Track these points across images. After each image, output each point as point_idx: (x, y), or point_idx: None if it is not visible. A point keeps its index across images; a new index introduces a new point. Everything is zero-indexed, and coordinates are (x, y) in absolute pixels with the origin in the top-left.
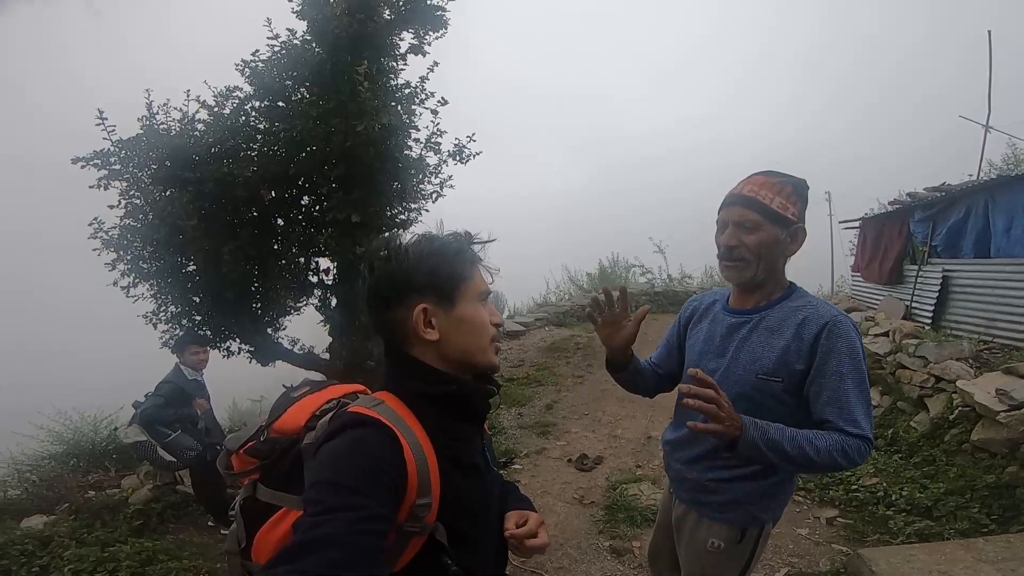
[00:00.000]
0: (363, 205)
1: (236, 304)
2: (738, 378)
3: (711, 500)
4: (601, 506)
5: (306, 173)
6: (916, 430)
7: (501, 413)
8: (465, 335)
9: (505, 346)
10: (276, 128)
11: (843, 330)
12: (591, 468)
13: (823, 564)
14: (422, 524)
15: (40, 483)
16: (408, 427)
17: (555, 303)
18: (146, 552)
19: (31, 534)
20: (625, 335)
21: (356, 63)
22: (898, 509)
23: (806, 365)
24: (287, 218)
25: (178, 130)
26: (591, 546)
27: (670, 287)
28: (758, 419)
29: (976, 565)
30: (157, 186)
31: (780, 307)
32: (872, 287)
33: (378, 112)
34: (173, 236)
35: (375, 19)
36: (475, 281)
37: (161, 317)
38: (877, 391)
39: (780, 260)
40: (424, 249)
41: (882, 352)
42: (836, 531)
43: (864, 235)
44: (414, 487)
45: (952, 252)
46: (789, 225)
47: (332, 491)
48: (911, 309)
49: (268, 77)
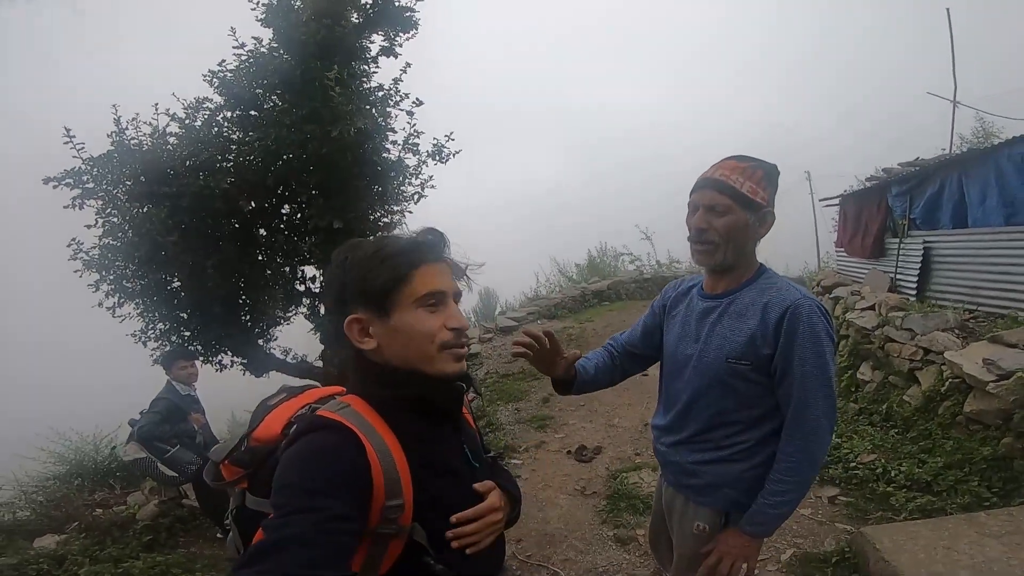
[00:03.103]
0: (344, 210)
1: (224, 317)
2: (709, 364)
3: (693, 483)
4: (603, 496)
5: (284, 182)
6: (909, 404)
7: (498, 409)
8: (402, 345)
9: (499, 342)
10: (250, 138)
11: (804, 314)
12: (591, 459)
13: (828, 544)
14: (397, 526)
15: (48, 503)
16: (373, 429)
17: (546, 296)
18: (159, 567)
19: (45, 554)
20: (564, 364)
21: (326, 68)
22: (898, 485)
23: (771, 349)
24: (269, 228)
25: (150, 144)
26: (596, 536)
27: (659, 273)
28: (747, 512)
29: (981, 540)
30: (133, 203)
31: (748, 290)
32: (857, 262)
33: (352, 116)
34: (155, 253)
35: (343, 23)
36: (414, 285)
37: (150, 335)
38: (868, 366)
39: (749, 244)
40: (360, 255)
41: (870, 326)
42: (838, 510)
43: (844, 212)
44: (381, 489)
45: (931, 224)
46: (758, 209)
47: (294, 494)
48: (896, 281)
49: (238, 87)
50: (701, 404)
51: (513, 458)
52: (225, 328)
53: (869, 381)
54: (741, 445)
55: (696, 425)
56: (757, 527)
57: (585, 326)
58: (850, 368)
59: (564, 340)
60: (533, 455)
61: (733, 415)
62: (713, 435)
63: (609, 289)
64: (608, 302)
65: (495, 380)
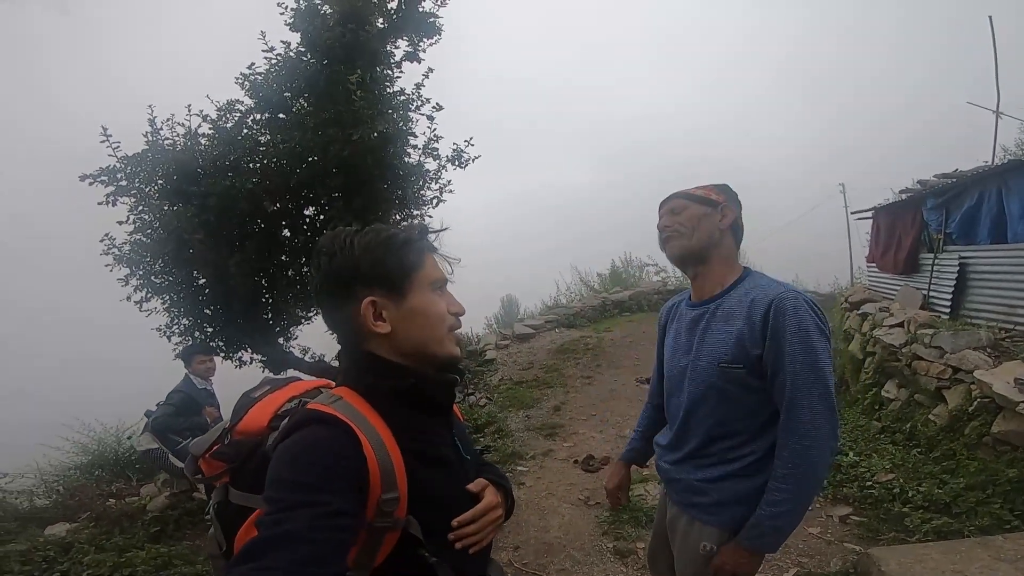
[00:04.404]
0: (364, 213)
1: (246, 315)
2: (703, 371)
3: (700, 501)
4: (606, 507)
5: (308, 184)
6: (934, 423)
7: (509, 416)
8: (419, 327)
9: (515, 349)
10: (277, 140)
11: (789, 307)
12: (597, 469)
13: (834, 564)
14: (392, 519)
15: (64, 492)
16: (367, 422)
17: (565, 304)
18: (161, 557)
19: (53, 541)
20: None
21: (350, 72)
22: (915, 506)
23: (760, 349)
24: (292, 229)
25: (183, 145)
26: (595, 547)
27: (683, 284)
28: (745, 525)
29: (993, 564)
30: (164, 201)
31: (734, 291)
32: (889, 277)
33: (374, 120)
34: (182, 250)
35: (367, 28)
36: (427, 270)
37: (175, 330)
38: (894, 384)
39: (715, 233)
40: (370, 240)
41: (897, 343)
42: (849, 529)
43: (877, 225)
44: (377, 482)
45: (968, 239)
46: (716, 205)
47: (290, 489)
48: (929, 298)
49: (267, 90)
50: (699, 415)
51: (519, 465)
52: (247, 325)
53: (894, 399)
54: (749, 458)
55: (696, 439)
56: (755, 541)
57: (603, 336)
58: (875, 385)
59: (581, 349)
60: (539, 463)
61: (733, 425)
62: (714, 448)
63: (630, 300)
64: (629, 313)
65: (508, 387)
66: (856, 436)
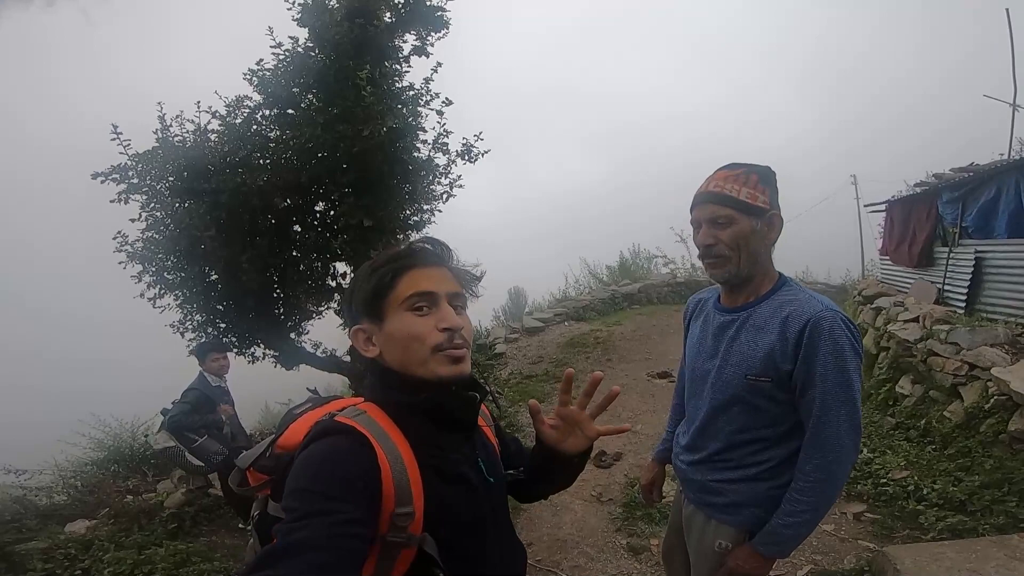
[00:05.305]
0: (375, 209)
1: (258, 311)
2: (728, 380)
3: (716, 501)
4: (619, 503)
5: (318, 180)
6: (950, 420)
7: (519, 411)
8: (397, 350)
9: (524, 343)
10: (287, 136)
11: (826, 328)
12: (610, 465)
13: (848, 562)
14: (407, 535)
15: (83, 489)
16: (387, 436)
17: (575, 298)
18: (180, 554)
19: (74, 539)
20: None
21: (358, 68)
22: (930, 503)
23: (791, 365)
24: (303, 225)
25: (193, 141)
26: (608, 544)
27: (693, 276)
28: (761, 531)
29: (1009, 563)
30: (175, 198)
31: (767, 303)
32: (902, 271)
33: (383, 116)
34: (194, 247)
35: (375, 23)
36: (399, 290)
37: (188, 326)
38: (908, 380)
39: (762, 251)
40: (360, 270)
41: (912, 339)
42: (863, 527)
43: (891, 218)
44: (391, 496)
45: (984, 233)
46: (762, 214)
47: (307, 497)
48: (943, 292)
49: (276, 85)
50: (721, 421)
51: None
52: (259, 321)
53: (908, 395)
54: (767, 463)
55: (717, 444)
56: (771, 547)
57: (613, 329)
58: (889, 381)
59: (591, 343)
60: None
61: (756, 432)
62: (735, 454)
63: (640, 292)
64: (639, 305)
65: (518, 381)
66: (870, 432)
